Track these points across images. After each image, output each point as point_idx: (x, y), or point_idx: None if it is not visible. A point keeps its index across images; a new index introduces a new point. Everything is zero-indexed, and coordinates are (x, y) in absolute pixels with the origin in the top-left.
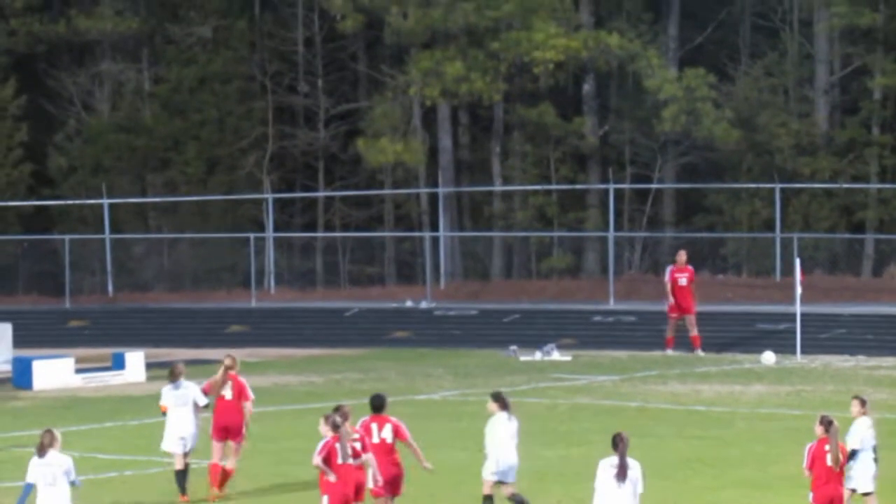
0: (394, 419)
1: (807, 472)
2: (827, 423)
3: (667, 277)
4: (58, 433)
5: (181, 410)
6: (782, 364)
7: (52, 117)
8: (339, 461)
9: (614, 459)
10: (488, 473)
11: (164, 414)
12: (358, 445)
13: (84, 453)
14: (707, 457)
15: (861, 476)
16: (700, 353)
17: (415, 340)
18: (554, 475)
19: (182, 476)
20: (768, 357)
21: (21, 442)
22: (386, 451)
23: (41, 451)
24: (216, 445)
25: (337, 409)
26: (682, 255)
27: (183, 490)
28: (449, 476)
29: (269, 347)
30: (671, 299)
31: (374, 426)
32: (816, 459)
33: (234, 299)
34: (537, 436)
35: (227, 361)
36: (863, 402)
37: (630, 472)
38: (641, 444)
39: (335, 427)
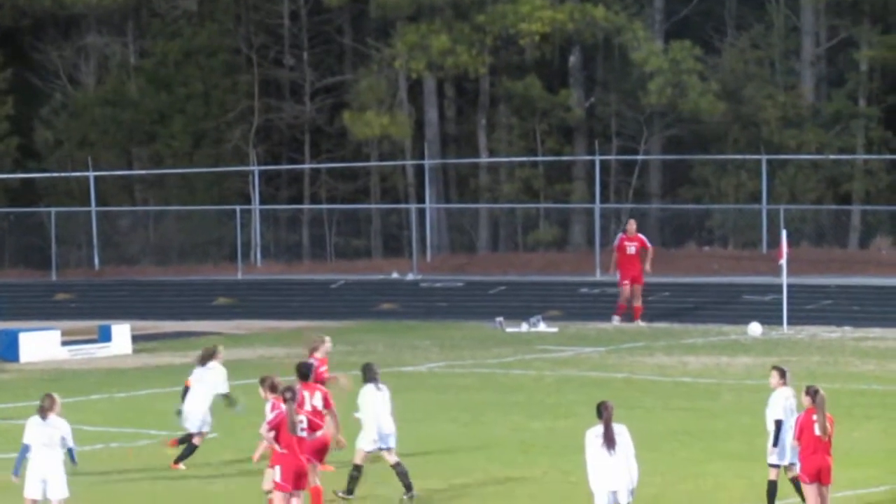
0: (322, 387)
1: (795, 443)
2: (813, 393)
3: (615, 244)
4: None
5: (198, 388)
6: (769, 335)
7: (37, 91)
8: (290, 432)
9: (599, 428)
10: (366, 443)
11: (186, 388)
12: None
13: (71, 426)
14: (694, 429)
15: (782, 449)
16: (641, 324)
17: (401, 313)
18: (540, 447)
19: (191, 451)
20: (755, 328)
21: (7, 414)
22: (318, 419)
23: (42, 413)
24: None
25: (263, 381)
26: (632, 224)
27: (178, 460)
28: (437, 446)
29: (256, 320)
30: (615, 268)
31: (305, 394)
32: (804, 430)
33: (221, 272)
34: (524, 407)
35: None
36: (782, 373)
37: (618, 439)
38: (628, 416)
39: (289, 393)
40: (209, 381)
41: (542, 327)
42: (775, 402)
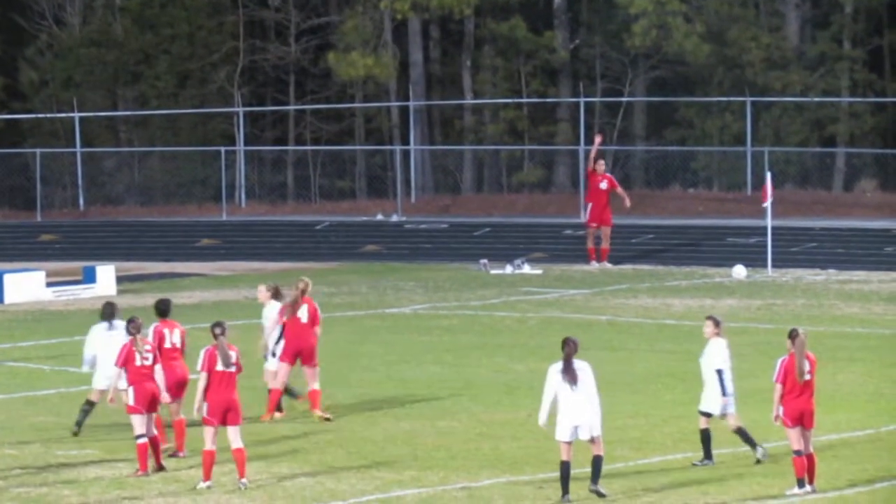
0: (180, 326)
1: (778, 386)
2: (793, 336)
3: (586, 171)
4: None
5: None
6: (753, 278)
7: (23, 31)
8: (137, 363)
9: (563, 364)
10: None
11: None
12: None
13: (55, 367)
14: (678, 371)
15: (712, 399)
16: (608, 265)
17: (385, 254)
18: (524, 389)
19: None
20: (739, 271)
21: None
22: (175, 357)
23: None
24: (285, 368)
25: (130, 321)
26: (601, 165)
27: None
28: (421, 388)
29: (241, 261)
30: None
31: (165, 331)
32: (788, 373)
33: (205, 213)
34: (508, 349)
35: (301, 285)
36: (716, 323)
37: (580, 374)
38: (612, 358)
39: (217, 329)
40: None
41: (527, 269)
42: (713, 352)
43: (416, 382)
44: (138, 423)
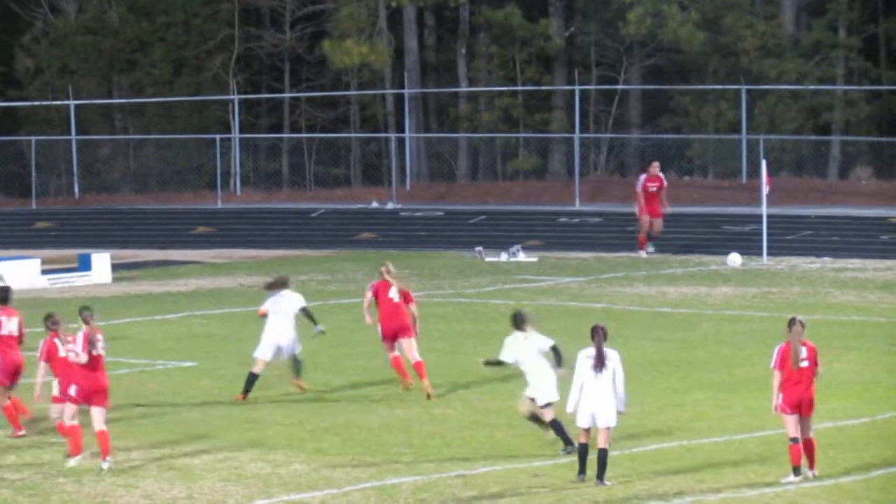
0: (18, 314)
1: (776, 374)
2: (790, 324)
3: (639, 187)
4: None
5: (280, 318)
6: (748, 266)
7: (18, 18)
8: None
9: (591, 350)
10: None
11: (261, 317)
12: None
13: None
14: (673, 359)
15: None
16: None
17: (381, 242)
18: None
19: (253, 380)
20: (734, 258)
21: None
22: (11, 345)
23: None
24: (387, 346)
25: (48, 317)
26: (655, 167)
27: (246, 392)
28: (417, 376)
29: (236, 249)
30: (640, 208)
31: (3, 319)
32: (785, 360)
33: (201, 201)
34: (503, 337)
35: (384, 269)
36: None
37: (608, 362)
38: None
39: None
40: (289, 307)
41: (522, 257)
42: (510, 345)
43: (410, 370)
44: None
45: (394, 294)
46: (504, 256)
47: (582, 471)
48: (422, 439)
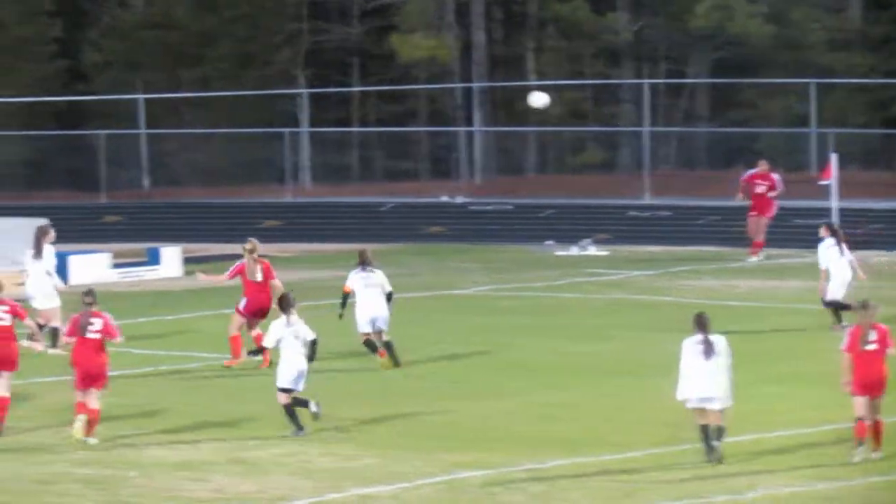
0: (10, 301)
1: (846, 355)
2: (860, 307)
3: (743, 178)
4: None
5: (370, 292)
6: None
7: (86, 13)
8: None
9: (699, 336)
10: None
11: (345, 295)
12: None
13: (118, 349)
14: (741, 351)
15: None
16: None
17: (449, 235)
18: (584, 370)
19: (371, 344)
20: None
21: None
22: (4, 335)
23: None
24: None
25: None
26: (764, 164)
27: (374, 350)
28: (479, 370)
29: (303, 242)
30: (742, 196)
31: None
32: (856, 342)
33: (269, 195)
34: (568, 330)
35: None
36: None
37: (716, 347)
38: (676, 339)
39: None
40: (376, 282)
41: (592, 250)
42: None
43: (473, 364)
44: None
45: (257, 273)
46: (574, 250)
47: (710, 449)
48: (487, 433)
